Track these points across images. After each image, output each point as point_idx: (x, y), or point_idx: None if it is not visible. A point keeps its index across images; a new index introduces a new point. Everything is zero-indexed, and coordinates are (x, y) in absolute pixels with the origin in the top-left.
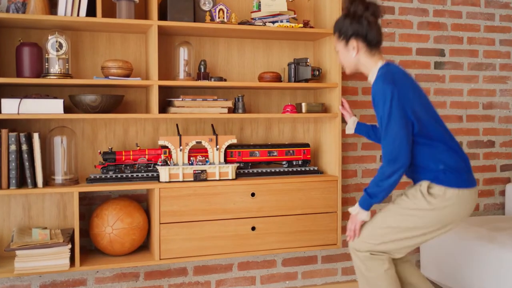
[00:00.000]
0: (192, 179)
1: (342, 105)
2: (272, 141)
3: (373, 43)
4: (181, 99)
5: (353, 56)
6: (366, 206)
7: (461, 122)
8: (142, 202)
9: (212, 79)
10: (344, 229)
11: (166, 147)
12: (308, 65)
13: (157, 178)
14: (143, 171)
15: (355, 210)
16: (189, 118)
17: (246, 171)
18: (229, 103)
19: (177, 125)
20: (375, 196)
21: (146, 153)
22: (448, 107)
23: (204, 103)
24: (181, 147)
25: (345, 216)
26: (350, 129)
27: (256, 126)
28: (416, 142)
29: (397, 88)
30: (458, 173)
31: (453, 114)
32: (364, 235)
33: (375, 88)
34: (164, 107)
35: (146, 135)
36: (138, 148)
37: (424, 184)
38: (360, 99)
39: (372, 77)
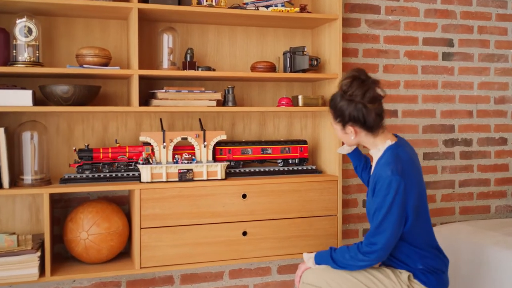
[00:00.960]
0: (176, 179)
1: None
2: (266, 138)
3: (373, 128)
4: (164, 90)
5: (352, 139)
6: (321, 262)
7: (471, 118)
8: (123, 204)
9: (200, 69)
10: (345, 234)
11: (149, 144)
12: (305, 54)
13: (138, 178)
14: (122, 171)
15: (308, 258)
16: (175, 113)
17: (237, 170)
18: (218, 96)
19: (160, 119)
20: (337, 264)
21: (127, 150)
22: (457, 101)
23: (190, 95)
24: (164, 144)
25: (346, 219)
26: (345, 149)
27: (249, 121)
28: (402, 238)
29: (404, 182)
30: (438, 275)
31: (462, 109)
32: (324, 271)
33: (380, 173)
34: (147, 100)
35: (127, 131)
36: (118, 145)
37: (404, 274)
38: None
39: (376, 154)
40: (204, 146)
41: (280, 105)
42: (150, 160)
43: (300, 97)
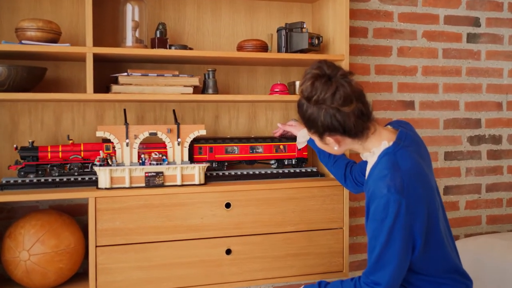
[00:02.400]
0: (143, 185)
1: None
2: (257, 134)
3: (358, 133)
4: (126, 74)
5: (336, 149)
6: None
7: (500, 111)
8: (82, 215)
9: (173, 48)
10: (352, 249)
11: (109, 140)
12: (304, 31)
13: (95, 183)
14: (76, 174)
15: None
16: (146, 102)
17: (219, 173)
18: (195, 81)
19: (124, 110)
20: None
21: (81, 149)
22: (483, 91)
23: (159, 80)
24: (127, 141)
25: (353, 231)
26: (301, 143)
27: (236, 113)
28: (410, 267)
29: (405, 200)
30: None
31: (489, 100)
32: None
33: (374, 189)
34: (108, 87)
35: (86, 125)
36: (71, 142)
37: None
38: (372, 79)
39: (370, 158)
40: (178, 144)
41: (273, 93)
42: (109, 160)
43: (297, 83)
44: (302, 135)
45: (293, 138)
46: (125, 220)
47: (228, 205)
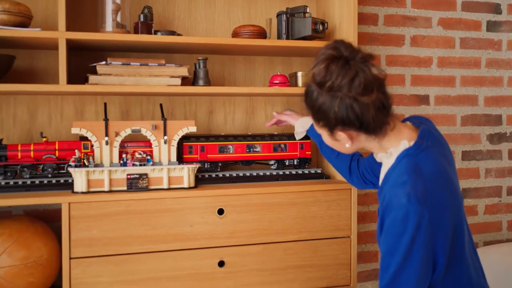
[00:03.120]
0: (124, 189)
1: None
2: (255, 131)
3: (376, 128)
4: (104, 62)
5: (347, 147)
6: None
7: None
8: (60, 222)
9: (159, 33)
10: (360, 258)
11: (87, 138)
12: (307, 17)
13: (72, 186)
14: (49, 176)
15: None
16: (132, 97)
17: (212, 175)
18: (184, 70)
19: (105, 104)
20: None
21: (56, 147)
22: (505, 85)
23: (143, 70)
24: (107, 138)
25: (362, 238)
26: (300, 133)
27: (233, 108)
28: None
29: (428, 212)
30: None
31: (511, 94)
32: None
33: (391, 197)
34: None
35: (64, 122)
36: (45, 140)
37: None
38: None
39: (387, 160)
40: (165, 142)
41: (273, 85)
42: (86, 161)
43: (299, 74)
44: (301, 125)
45: (290, 135)
46: (103, 229)
47: (221, 211)
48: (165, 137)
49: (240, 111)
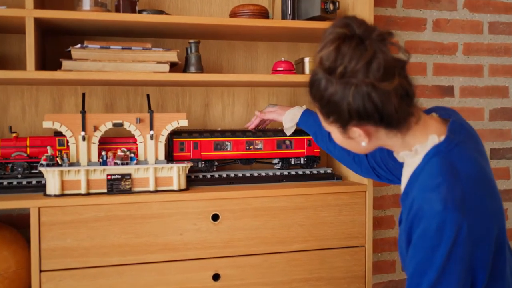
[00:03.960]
0: (104, 191)
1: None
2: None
3: (400, 121)
4: (79, 46)
5: (363, 145)
6: None
7: None
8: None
9: (144, 13)
10: (376, 268)
11: (61, 133)
12: None
13: (44, 188)
14: (20, 176)
15: None
16: (117, 87)
17: (207, 176)
18: (172, 55)
19: (83, 95)
20: None
21: (27, 144)
22: None
23: (125, 55)
24: (83, 133)
25: (378, 246)
26: (290, 128)
27: (231, 100)
28: None
29: (467, 218)
30: None
31: None
32: None
33: (421, 203)
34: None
35: (39, 115)
36: (14, 135)
37: None
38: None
39: (411, 159)
40: (151, 138)
41: (276, 72)
42: (59, 159)
43: (307, 60)
44: (289, 119)
45: (303, 131)
46: (79, 237)
47: (215, 217)
48: (151, 132)
49: (240, 103)
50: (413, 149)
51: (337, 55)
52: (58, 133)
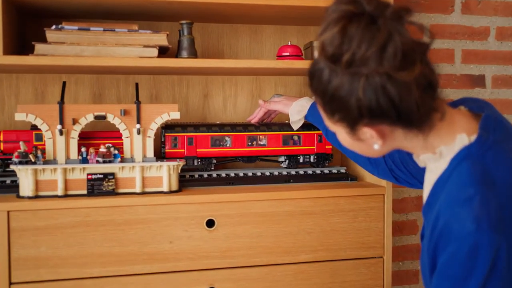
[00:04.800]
0: (84, 193)
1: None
2: None
3: (422, 118)
4: (55, 27)
5: (377, 148)
6: None
7: None
8: None
9: None
10: (396, 278)
11: (37, 127)
12: None
13: (16, 189)
14: None
15: None
16: (106, 76)
17: (204, 175)
18: (161, 38)
19: (63, 84)
20: None
21: (1, 138)
22: None
23: (107, 38)
24: (60, 127)
25: (398, 254)
26: (297, 122)
27: (234, 90)
28: None
29: (506, 239)
30: None
31: None
32: None
33: (449, 220)
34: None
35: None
36: None
37: None
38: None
39: (434, 163)
40: (138, 132)
41: (281, 58)
42: (31, 156)
43: (316, 44)
44: (296, 111)
45: (313, 125)
46: (55, 245)
47: (210, 223)
48: (137, 126)
49: (244, 94)
50: (437, 152)
51: (343, 38)
52: (34, 127)
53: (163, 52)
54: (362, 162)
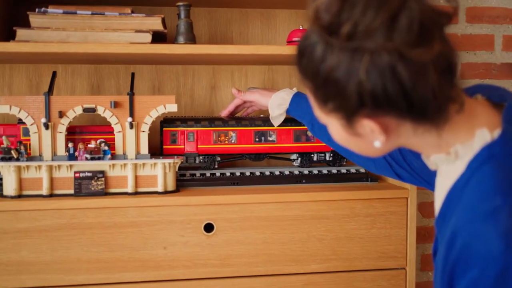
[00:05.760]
0: (71, 192)
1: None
2: None
3: (436, 112)
4: (39, 11)
5: (378, 146)
6: None
7: None
8: None
9: None
10: None
11: (22, 122)
12: None
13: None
14: None
15: None
16: (104, 66)
17: (207, 174)
18: (155, 22)
19: (53, 73)
20: None
21: None
22: None
23: (96, 22)
24: (45, 120)
25: (426, 265)
26: (277, 117)
27: (244, 81)
28: None
29: None
30: None
31: None
32: None
33: (467, 240)
34: None
35: None
36: None
37: None
38: (462, 30)
39: (446, 166)
40: (131, 126)
41: (291, 43)
42: (14, 152)
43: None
44: (276, 104)
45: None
46: (37, 249)
47: (209, 227)
48: (129, 119)
49: (254, 85)
50: (452, 151)
51: (343, 3)
52: (20, 121)
53: (162, 39)
54: (356, 157)
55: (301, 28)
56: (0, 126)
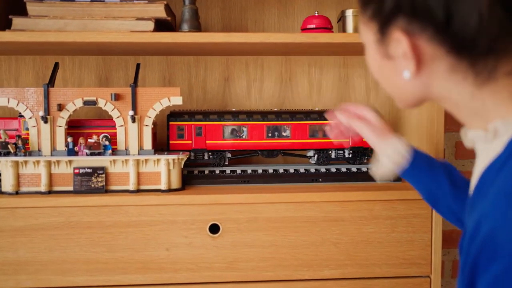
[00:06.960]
0: (70, 189)
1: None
2: (293, 107)
3: (486, 49)
4: None
5: (405, 76)
6: None
7: None
8: None
9: None
10: None
11: (21, 115)
12: None
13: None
14: None
15: None
16: (114, 57)
17: (216, 172)
18: (158, 9)
19: (55, 64)
20: None
21: None
22: None
23: (96, 10)
24: (41, 113)
25: (456, 272)
26: (385, 166)
27: (260, 73)
28: None
29: None
30: None
31: None
32: None
33: (496, 224)
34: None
35: None
36: None
37: None
38: None
39: (482, 145)
40: (133, 120)
41: (306, 31)
42: (11, 146)
43: (349, 13)
44: (387, 154)
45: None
46: (35, 249)
47: (215, 228)
48: (131, 112)
49: (272, 77)
50: (491, 128)
51: None
52: (21, 115)
53: (169, 28)
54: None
55: (316, 14)
56: (0, 120)
